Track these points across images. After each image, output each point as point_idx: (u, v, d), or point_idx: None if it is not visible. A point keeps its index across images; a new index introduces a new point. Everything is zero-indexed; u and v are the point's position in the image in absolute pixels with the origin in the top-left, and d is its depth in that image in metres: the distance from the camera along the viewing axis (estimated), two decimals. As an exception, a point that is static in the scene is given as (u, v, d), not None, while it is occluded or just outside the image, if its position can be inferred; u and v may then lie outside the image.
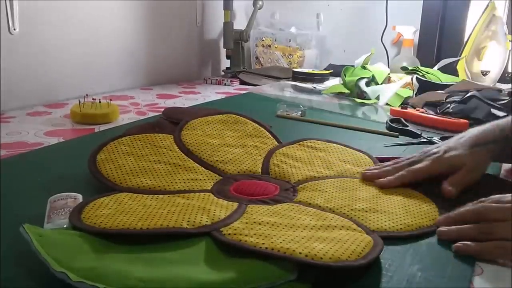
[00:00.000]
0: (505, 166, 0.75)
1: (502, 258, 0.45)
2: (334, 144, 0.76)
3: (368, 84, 1.36)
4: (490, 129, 0.64)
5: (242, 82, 1.63)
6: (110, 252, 0.41)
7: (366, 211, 0.53)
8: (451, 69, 1.56)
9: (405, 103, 1.22)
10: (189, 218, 0.47)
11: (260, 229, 0.45)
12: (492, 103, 1.05)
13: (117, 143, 0.65)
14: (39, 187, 0.59)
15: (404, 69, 1.53)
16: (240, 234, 0.44)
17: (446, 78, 1.45)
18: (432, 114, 1.06)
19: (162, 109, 0.89)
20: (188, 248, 0.43)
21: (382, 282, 0.41)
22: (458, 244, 0.47)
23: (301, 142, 0.75)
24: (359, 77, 1.37)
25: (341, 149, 0.75)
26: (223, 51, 1.80)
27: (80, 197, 0.51)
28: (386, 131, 0.96)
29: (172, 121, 0.79)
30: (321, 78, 1.55)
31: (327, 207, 0.54)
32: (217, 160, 0.66)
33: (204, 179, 0.61)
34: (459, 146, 0.63)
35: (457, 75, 1.55)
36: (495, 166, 0.73)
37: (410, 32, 1.71)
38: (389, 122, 0.99)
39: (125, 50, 1.40)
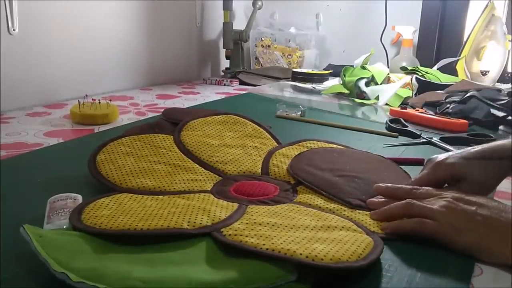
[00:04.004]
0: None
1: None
2: (334, 145, 0.76)
3: (367, 84, 1.36)
4: (506, 144, 0.57)
5: (242, 83, 1.63)
6: (110, 253, 0.41)
7: (366, 214, 0.53)
8: (450, 69, 1.56)
9: (404, 103, 1.22)
10: (189, 218, 0.47)
11: (260, 229, 0.45)
12: (491, 103, 1.04)
13: (116, 144, 0.65)
14: (39, 187, 0.59)
15: (404, 69, 1.53)
16: (241, 235, 0.44)
17: (445, 78, 1.45)
18: (432, 114, 1.06)
19: (162, 110, 0.89)
20: (189, 248, 0.43)
21: (382, 282, 0.41)
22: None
23: (300, 143, 0.75)
24: (358, 77, 1.37)
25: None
26: (222, 52, 1.80)
27: (79, 198, 0.51)
28: (386, 132, 0.96)
29: (172, 122, 0.79)
30: (320, 78, 1.55)
31: (327, 207, 0.54)
32: (216, 161, 0.66)
33: (204, 180, 0.61)
34: (465, 155, 0.57)
35: (457, 75, 1.55)
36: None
37: (409, 32, 1.70)
38: (389, 122, 0.99)
39: (124, 50, 1.40)
